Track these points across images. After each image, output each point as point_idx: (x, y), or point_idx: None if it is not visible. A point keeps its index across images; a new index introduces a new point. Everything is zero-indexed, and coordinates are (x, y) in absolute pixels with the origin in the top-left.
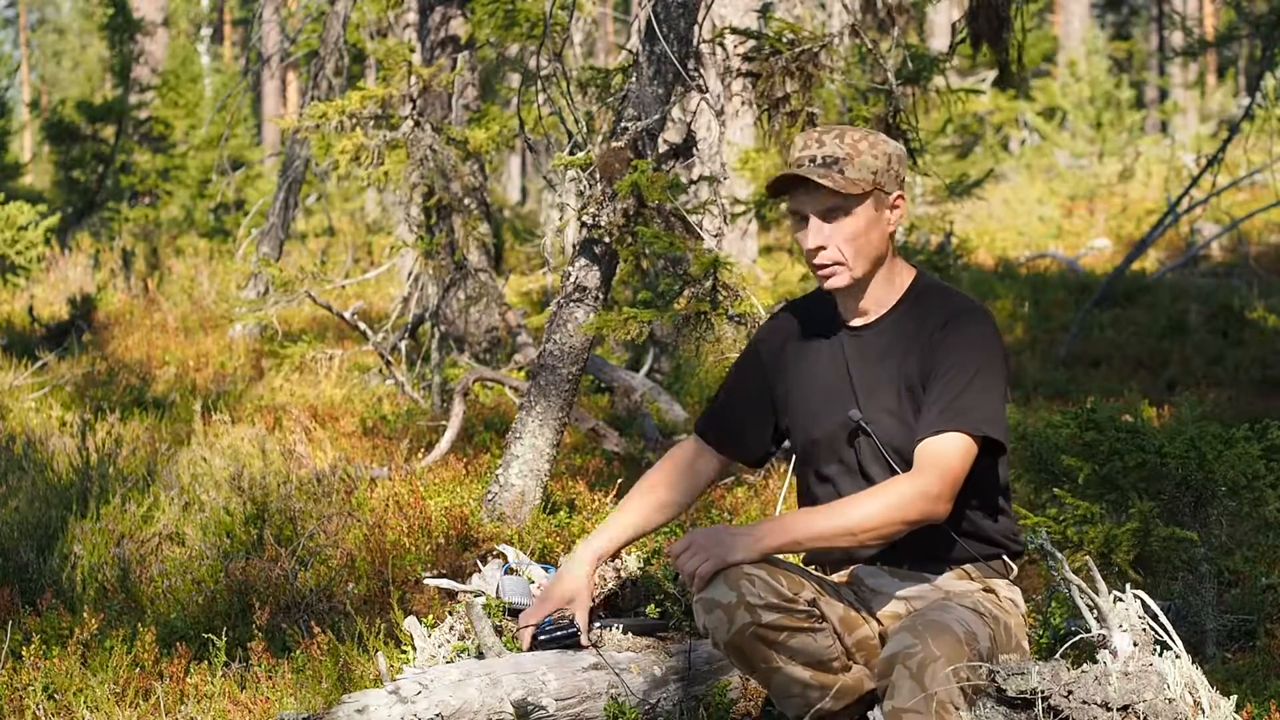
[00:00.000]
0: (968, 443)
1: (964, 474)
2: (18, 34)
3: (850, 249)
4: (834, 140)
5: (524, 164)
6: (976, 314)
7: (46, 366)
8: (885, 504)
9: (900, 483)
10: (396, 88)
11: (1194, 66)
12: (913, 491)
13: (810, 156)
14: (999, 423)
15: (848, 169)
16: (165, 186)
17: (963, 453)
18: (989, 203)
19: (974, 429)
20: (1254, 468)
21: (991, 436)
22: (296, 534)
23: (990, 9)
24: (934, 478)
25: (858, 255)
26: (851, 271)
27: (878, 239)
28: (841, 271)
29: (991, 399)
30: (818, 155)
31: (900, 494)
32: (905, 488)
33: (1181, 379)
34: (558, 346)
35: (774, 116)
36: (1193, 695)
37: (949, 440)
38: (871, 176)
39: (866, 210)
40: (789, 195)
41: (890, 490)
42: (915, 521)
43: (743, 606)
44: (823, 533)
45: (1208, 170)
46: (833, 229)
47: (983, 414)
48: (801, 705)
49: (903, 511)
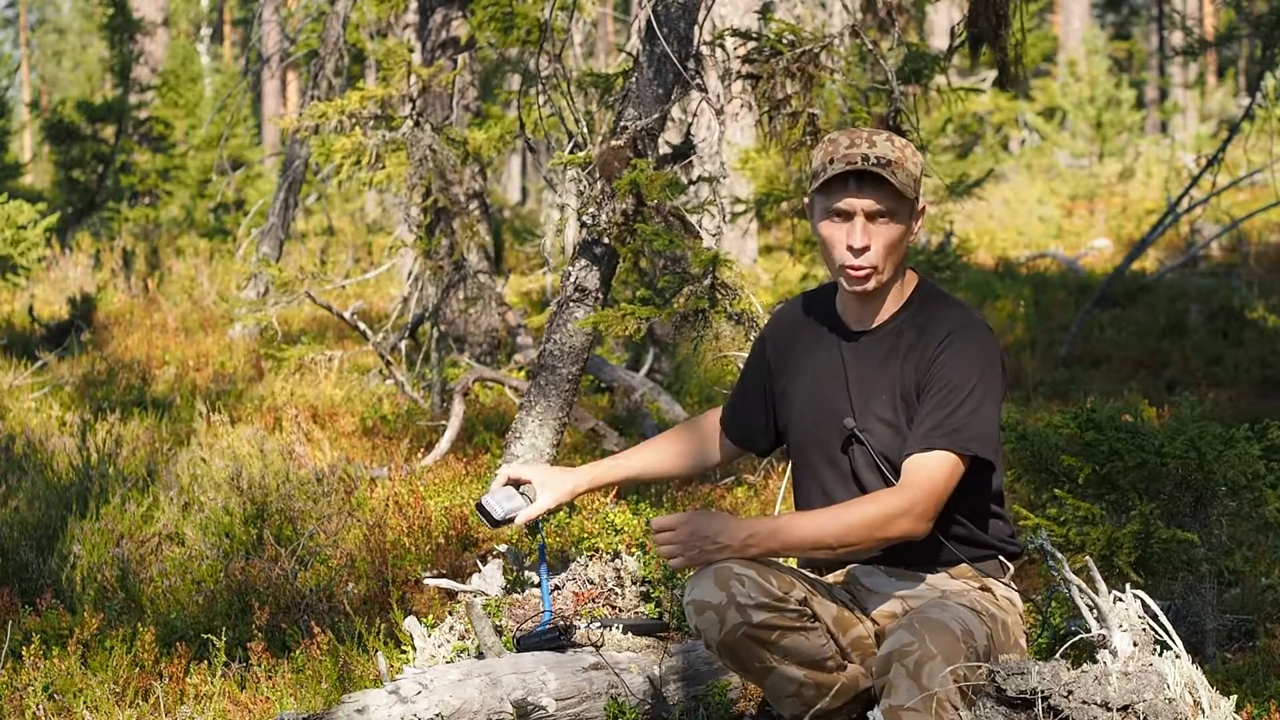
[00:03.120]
0: (955, 461)
1: (949, 492)
2: (18, 34)
3: (887, 254)
4: (885, 142)
5: (524, 164)
6: (977, 329)
7: (46, 366)
8: (867, 522)
9: (884, 499)
10: (396, 88)
11: (1194, 66)
12: (896, 510)
13: (863, 155)
14: (990, 441)
15: (899, 172)
16: (165, 186)
17: (949, 471)
18: (989, 203)
19: (963, 448)
20: (1254, 468)
21: (981, 456)
22: (296, 534)
23: (989, 7)
24: (919, 496)
25: (890, 261)
26: (880, 277)
27: (906, 247)
28: (874, 276)
29: (984, 418)
30: (870, 155)
31: (883, 512)
32: (889, 505)
33: (1181, 379)
34: (558, 346)
35: (775, 118)
36: (1193, 695)
37: (937, 459)
38: (914, 184)
39: (906, 217)
40: (835, 192)
41: (873, 507)
42: (895, 539)
43: (733, 607)
44: (805, 541)
45: (1208, 170)
46: (876, 231)
47: (973, 433)
48: (797, 705)
49: (884, 530)
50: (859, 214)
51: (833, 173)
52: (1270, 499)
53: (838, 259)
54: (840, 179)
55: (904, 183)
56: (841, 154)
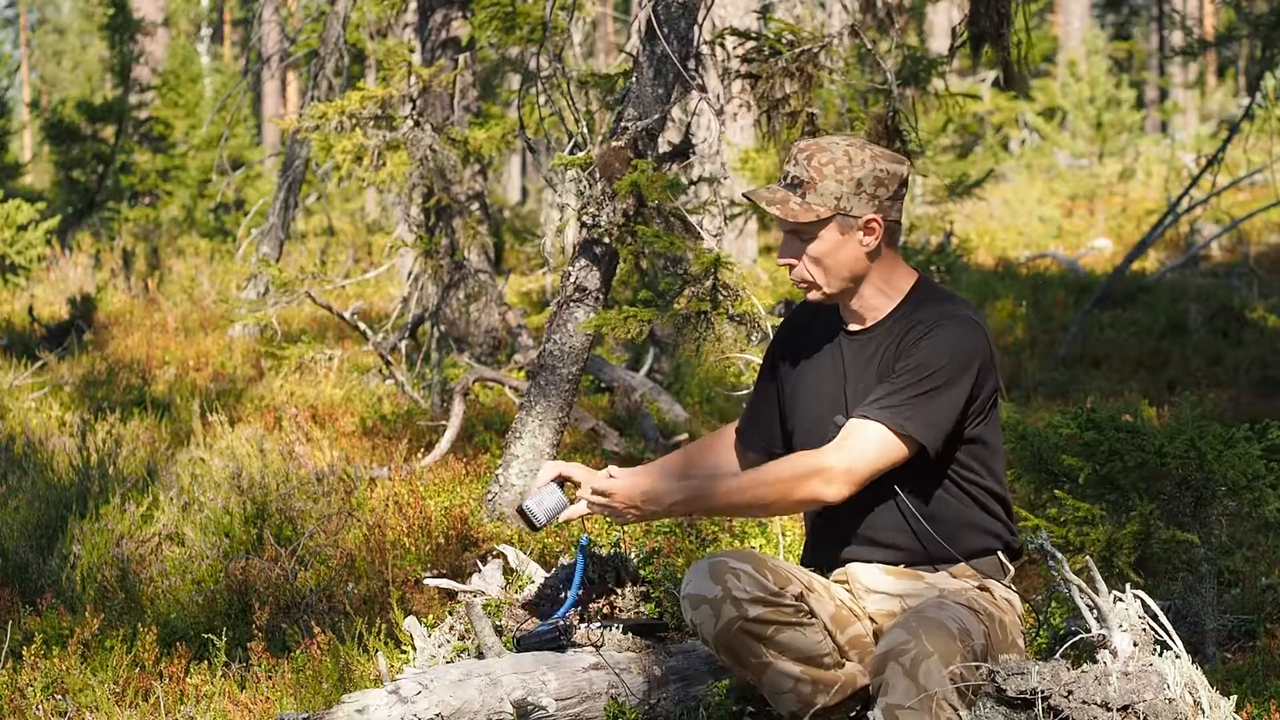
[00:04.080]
0: (889, 438)
1: (875, 467)
2: (18, 34)
3: (817, 269)
4: (805, 160)
5: (524, 164)
6: (962, 323)
7: (46, 366)
8: (780, 478)
9: (802, 459)
10: (396, 88)
11: (1194, 66)
12: (810, 469)
13: (784, 173)
14: (933, 429)
15: (809, 194)
16: (165, 186)
17: (880, 446)
18: (989, 203)
19: (899, 426)
20: (1254, 468)
21: (918, 439)
22: (296, 534)
23: (991, 6)
24: (838, 460)
25: (826, 275)
26: (824, 289)
27: (849, 259)
28: (813, 288)
29: (937, 405)
30: (790, 173)
31: (795, 471)
32: (804, 465)
33: (1181, 379)
34: (558, 346)
35: (774, 117)
36: (1193, 695)
37: (871, 429)
38: (834, 202)
39: (831, 234)
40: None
41: (787, 466)
42: (807, 500)
43: (729, 601)
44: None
45: (1208, 170)
46: (801, 247)
47: (918, 415)
48: (794, 702)
49: (797, 490)
50: (784, 232)
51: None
52: (1270, 499)
53: None
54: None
55: (812, 203)
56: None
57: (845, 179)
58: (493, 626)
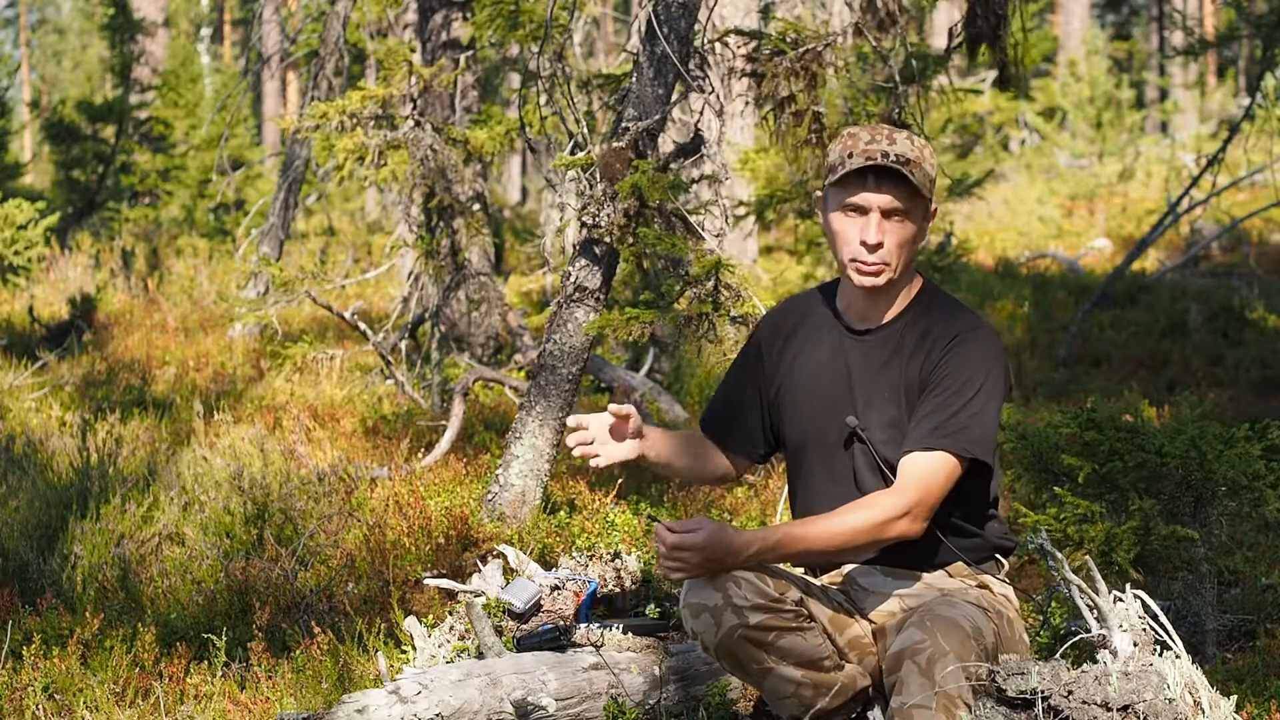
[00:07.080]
0: (954, 463)
1: (945, 493)
2: (18, 34)
3: (900, 253)
4: (905, 140)
5: (524, 164)
6: (985, 332)
7: (46, 366)
8: (866, 526)
9: (882, 502)
10: (397, 88)
11: (1194, 66)
12: (894, 513)
13: (883, 151)
14: (988, 444)
15: (916, 172)
16: (165, 186)
17: (948, 473)
18: (989, 203)
19: (963, 450)
20: (1254, 468)
21: (980, 459)
22: (296, 534)
23: (988, 7)
24: (916, 498)
25: (901, 259)
26: (891, 274)
27: (916, 247)
28: (885, 272)
29: (985, 421)
30: (890, 152)
31: (882, 515)
32: (887, 508)
33: (1181, 379)
34: (558, 346)
35: (779, 116)
36: (1193, 695)
37: (936, 459)
38: (929, 184)
39: (921, 217)
40: (852, 186)
41: (871, 512)
42: (892, 540)
43: (729, 609)
44: (807, 550)
45: (1208, 170)
46: (890, 229)
47: (973, 435)
48: (795, 705)
49: (882, 533)
50: (875, 210)
51: (851, 167)
52: (1270, 499)
53: (849, 253)
54: (859, 174)
55: (921, 182)
56: (861, 149)
57: (932, 164)
58: (493, 626)
